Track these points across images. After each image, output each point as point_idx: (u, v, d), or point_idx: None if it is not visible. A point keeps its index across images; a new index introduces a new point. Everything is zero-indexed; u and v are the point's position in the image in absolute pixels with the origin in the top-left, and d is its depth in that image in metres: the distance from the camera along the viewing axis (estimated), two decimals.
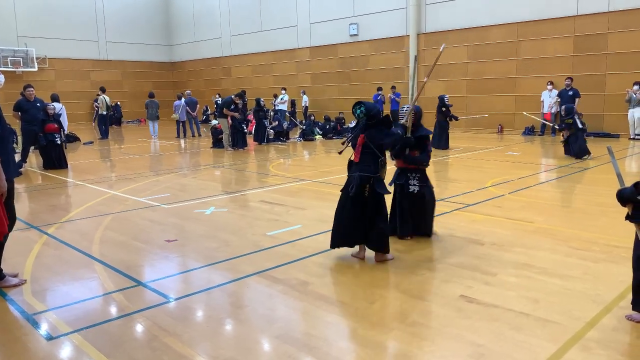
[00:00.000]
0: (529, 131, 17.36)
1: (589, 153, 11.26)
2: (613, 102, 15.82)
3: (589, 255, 4.68)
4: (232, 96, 14.80)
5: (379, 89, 19.67)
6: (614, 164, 3.56)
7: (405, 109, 5.35)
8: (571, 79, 15.58)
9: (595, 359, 2.88)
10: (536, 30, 17.12)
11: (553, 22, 16.71)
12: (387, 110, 19.58)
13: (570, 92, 15.19)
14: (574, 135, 11.36)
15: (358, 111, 4.57)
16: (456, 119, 14.45)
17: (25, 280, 4.28)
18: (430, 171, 10.04)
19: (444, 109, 13.68)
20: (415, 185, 5.34)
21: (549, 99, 16.55)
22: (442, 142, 13.51)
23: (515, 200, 7.15)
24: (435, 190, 7.97)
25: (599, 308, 3.53)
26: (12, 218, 4.18)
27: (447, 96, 14.38)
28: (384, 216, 4.66)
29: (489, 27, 18.21)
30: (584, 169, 9.75)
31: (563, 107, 12.06)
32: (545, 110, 16.69)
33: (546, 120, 16.14)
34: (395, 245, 5.12)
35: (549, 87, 16.47)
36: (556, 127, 12.47)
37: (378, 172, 4.54)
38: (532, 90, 17.32)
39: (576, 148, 11.29)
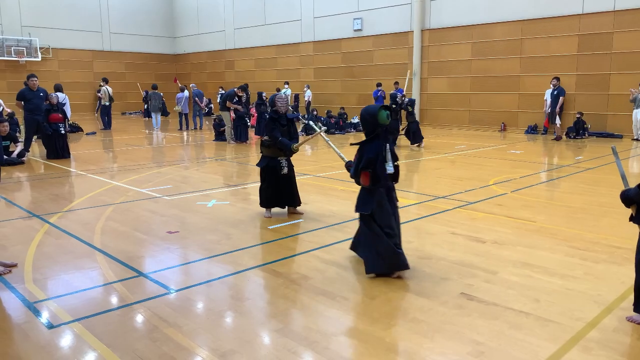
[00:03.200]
0: (532, 130, 17.33)
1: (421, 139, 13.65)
2: (617, 102, 15.77)
3: (591, 256, 4.68)
4: (235, 89, 14.75)
5: (379, 84, 19.61)
6: (618, 164, 3.55)
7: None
8: (557, 79, 15.67)
9: (595, 359, 2.88)
10: (541, 28, 17.05)
11: (558, 20, 16.65)
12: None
13: (555, 92, 15.29)
14: (413, 124, 13.60)
15: None
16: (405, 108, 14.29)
17: (10, 270, 4.24)
18: (431, 168, 10.11)
19: (394, 105, 13.67)
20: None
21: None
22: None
23: (517, 199, 7.15)
24: (437, 187, 8.00)
25: (599, 309, 3.53)
26: None
27: (401, 92, 14.36)
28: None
29: (493, 24, 18.14)
30: (587, 169, 9.73)
31: (407, 99, 14.03)
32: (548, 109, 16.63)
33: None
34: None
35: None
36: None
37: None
38: (535, 89, 17.28)
39: (413, 136, 13.55)
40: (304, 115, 21.16)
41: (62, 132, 11.29)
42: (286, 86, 22.15)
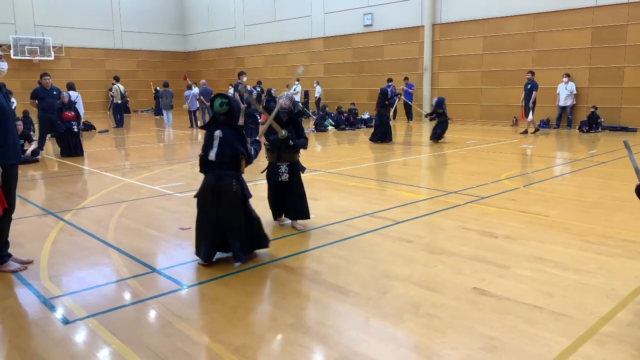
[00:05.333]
0: (544, 124, 17.17)
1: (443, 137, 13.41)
2: (631, 95, 15.58)
3: (604, 250, 4.64)
4: (239, 81, 14.51)
5: (389, 80, 19.54)
6: (631, 158, 3.52)
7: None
8: (532, 72, 15.65)
9: (610, 353, 2.86)
10: (553, 21, 16.88)
11: (571, 13, 16.46)
12: (399, 101, 19.47)
13: (529, 86, 15.24)
14: (444, 122, 13.23)
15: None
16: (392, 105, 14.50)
17: (26, 267, 4.30)
18: (443, 163, 10.08)
19: (387, 102, 13.58)
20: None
21: (565, 92, 16.34)
22: (385, 135, 13.42)
23: (529, 194, 7.10)
24: (448, 182, 7.98)
25: (613, 303, 3.50)
26: (10, 204, 4.20)
27: (391, 86, 14.12)
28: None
29: (505, 18, 17.99)
30: (600, 163, 9.63)
31: (435, 99, 13.67)
32: (561, 103, 16.50)
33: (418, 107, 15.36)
34: (407, 236, 5.12)
35: (565, 79, 16.26)
36: (426, 115, 13.35)
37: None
38: (548, 83, 17.09)
39: (439, 133, 13.23)
40: (313, 112, 21.16)
41: (75, 130, 11.40)
42: (297, 82, 22.13)
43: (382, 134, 13.41)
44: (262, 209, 6.00)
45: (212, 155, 4.18)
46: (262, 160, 5.85)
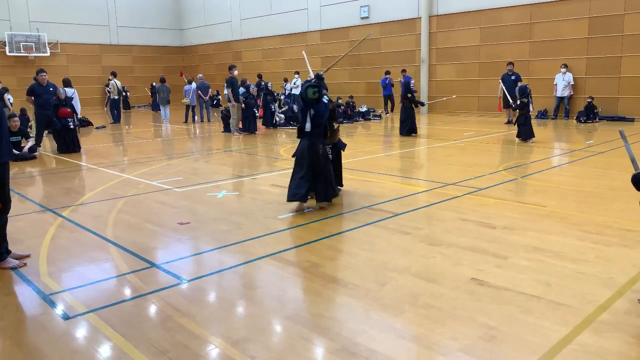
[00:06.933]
0: (542, 115, 17.17)
1: (533, 136, 11.47)
2: (628, 85, 15.58)
3: (602, 239, 4.66)
4: (232, 76, 14.41)
5: (387, 72, 19.50)
6: (627, 147, 3.54)
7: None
8: (512, 64, 15.64)
9: (607, 341, 2.88)
10: (550, 11, 16.83)
11: (568, 3, 16.41)
12: (396, 93, 19.43)
13: (513, 77, 15.23)
14: (523, 116, 11.47)
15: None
16: (422, 104, 14.81)
17: (25, 263, 4.30)
18: (441, 155, 10.09)
19: (409, 95, 13.48)
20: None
21: (562, 82, 16.33)
22: (410, 127, 13.32)
23: (527, 184, 7.11)
24: (446, 174, 8.00)
25: (611, 292, 3.52)
26: (6, 202, 4.19)
27: (413, 81, 14.26)
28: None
29: (502, 8, 17.93)
30: (597, 153, 9.65)
31: (517, 87, 12.11)
32: (559, 93, 16.50)
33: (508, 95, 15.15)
34: (406, 228, 5.13)
35: (563, 70, 16.25)
36: (513, 105, 12.22)
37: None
38: (545, 74, 17.10)
39: (525, 131, 11.47)
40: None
41: (71, 126, 11.37)
42: (296, 76, 22.04)
43: (409, 127, 13.30)
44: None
45: (308, 127, 5.69)
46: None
